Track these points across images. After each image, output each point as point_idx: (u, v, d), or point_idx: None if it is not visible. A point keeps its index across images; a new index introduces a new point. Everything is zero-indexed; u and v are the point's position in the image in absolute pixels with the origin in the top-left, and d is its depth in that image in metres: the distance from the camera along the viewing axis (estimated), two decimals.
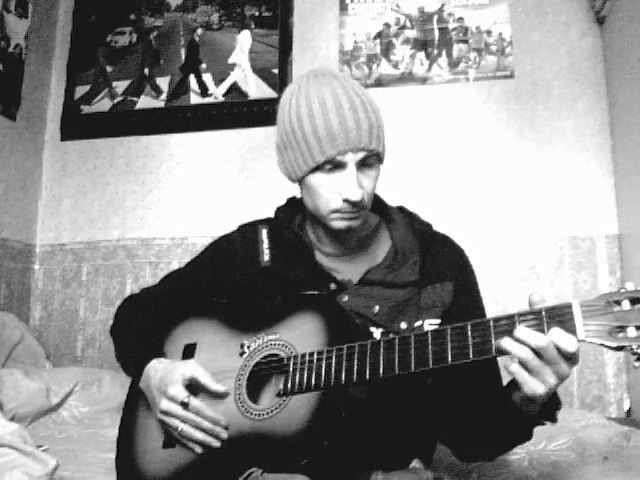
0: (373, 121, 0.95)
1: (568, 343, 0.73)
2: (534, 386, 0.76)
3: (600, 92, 2.33)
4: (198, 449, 0.94)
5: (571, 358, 0.75)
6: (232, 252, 1.12)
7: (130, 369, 1.09)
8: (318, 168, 0.95)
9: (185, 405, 0.93)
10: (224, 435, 0.92)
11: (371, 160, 0.97)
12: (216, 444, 0.92)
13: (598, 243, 2.24)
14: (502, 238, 2.33)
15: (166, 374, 0.97)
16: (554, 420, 0.87)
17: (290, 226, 1.09)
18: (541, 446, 1.41)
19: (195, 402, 0.94)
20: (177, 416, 0.94)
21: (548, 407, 0.85)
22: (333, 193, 0.96)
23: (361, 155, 0.94)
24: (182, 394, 0.94)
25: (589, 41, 2.38)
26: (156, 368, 1.00)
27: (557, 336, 0.73)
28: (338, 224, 0.98)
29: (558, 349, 0.74)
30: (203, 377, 0.96)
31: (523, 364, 0.75)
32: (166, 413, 0.96)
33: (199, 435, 0.93)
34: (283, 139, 1.00)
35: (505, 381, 0.93)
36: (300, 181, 1.01)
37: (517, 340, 0.75)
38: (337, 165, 0.95)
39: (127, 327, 1.15)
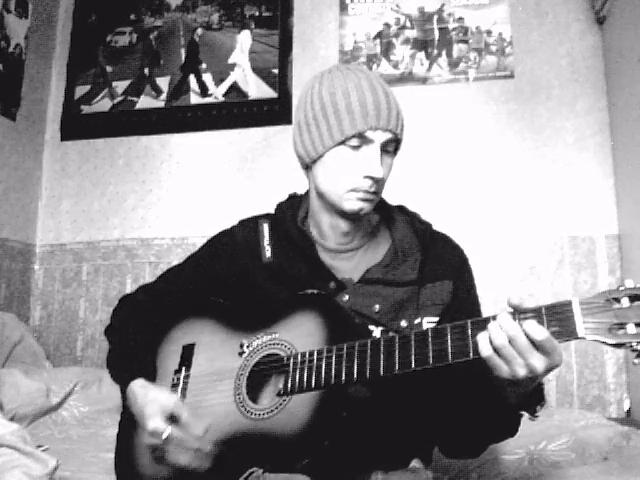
0: (400, 110, 1.01)
1: (537, 332, 0.73)
2: (501, 371, 0.77)
3: (600, 92, 2.33)
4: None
5: (545, 352, 0.75)
6: (233, 247, 1.12)
7: (116, 381, 1.08)
8: (343, 143, 0.97)
9: (166, 440, 0.91)
10: (208, 448, 0.91)
11: (391, 147, 1.00)
12: (203, 468, 0.91)
13: (598, 243, 2.24)
14: (502, 238, 2.33)
15: (144, 405, 0.95)
16: (533, 414, 0.87)
17: (293, 221, 1.09)
18: (541, 446, 1.41)
19: (176, 434, 0.91)
20: (158, 449, 0.92)
21: (530, 401, 0.85)
22: (354, 170, 0.97)
23: (388, 136, 0.97)
24: (162, 427, 0.91)
25: (589, 41, 2.38)
26: (136, 395, 0.99)
27: (529, 326, 0.74)
28: (352, 205, 0.98)
29: (530, 340, 0.74)
30: (185, 417, 0.92)
31: (496, 349, 0.76)
32: (149, 446, 0.94)
33: (183, 461, 0.91)
34: (308, 115, 1.01)
35: None
36: (316, 161, 1.01)
37: (499, 326, 0.76)
38: (363, 142, 0.96)
39: (119, 336, 1.14)
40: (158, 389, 0.99)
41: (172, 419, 0.92)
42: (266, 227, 1.11)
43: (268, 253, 1.08)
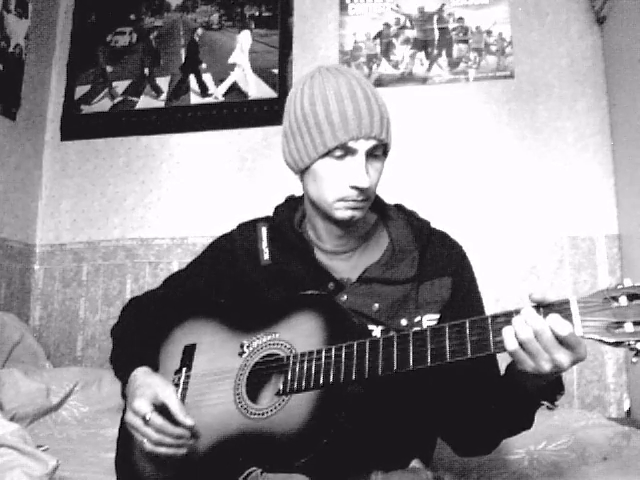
0: (384, 112, 0.98)
1: (562, 327, 0.73)
2: (526, 366, 0.78)
3: (600, 92, 2.33)
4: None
5: (569, 347, 0.75)
6: (232, 251, 1.13)
7: (119, 375, 1.08)
8: (328, 154, 0.96)
9: (145, 421, 0.90)
10: (190, 442, 0.91)
11: (378, 151, 0.98)
12: (182, 452, 0.91)
13: (598, 243, 2.24)
14: (502, 238, 2.33)
15: (140, 386, 0.95)
16: (553, 402, 0.87)
17: (290, 223, 1.09)
18: (541, 446, 1.41)
19: (157, 419, 0.90)
20: (139, 431, 0.92)
21: (550, 390, 0.86)
22: (341, 180, 0.96)
23: (372, 143, 0.95)
24: (145, 409, 0.90)
25: (589, 41, 2.38)
26: (136, 378, 0.99)
27: (553, 321, 0.74)
28: (342, 214, 0.98)
29: (555, 335, 0.74)
30: (174, 406, 0.91)
31: (522, 345, 0.76)
32: (130, 425, 0.93)
33: (161, 450, 0.91)
34: (292, 126, 1.00)
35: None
36: (305, 170, 1.01)
37: (524, 321, 0.76)
38: (347, 152, 0.95)
39: (124, 333, 1.14)
40: (159, 378, 0.99)
41: (160, 408, 0.92)
42: (264, 230, 1.11)
43: (266, 256, 1.08)
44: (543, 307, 0.77)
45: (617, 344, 0.72)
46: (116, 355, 1.13)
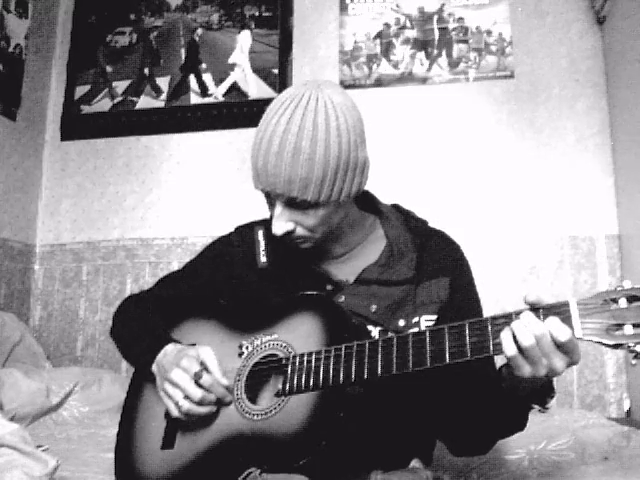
0: (300, 171, 0.90)
1: (561, 332, 0.73)
2: (523, 371, 0.77)
3: (600, 92, 2.33)
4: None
5: (566, 352, 0.75)
6: (229, 253, 1.13)
7: (139, 358, 1.07)
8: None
9: (198, 377, 0.92)
10: (228, 399, 0.94)
11: (303, 204, 0.93)
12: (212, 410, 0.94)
13: (598, 243, 2.24)
14: (502, 238, 2.33)
15: (182, 349, 0.98)
16: (544, 405, 0.87)
17: None
18: (541, 446, 1.41)
19: (207, 377, 0.93)
20: (183, 389, 0.93)
21: (541, 393, 0.86)
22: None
23: (282, 198, 0.93)
24: (196, 367, 0.94)
25: (589, 41, 2.38)
26: (172, 349, 1.00)
27: (553, 325, 0.74)
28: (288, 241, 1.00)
29: (554, 340, 0.74)
30: (213, 365, 0.94)
31: (523, 351, 0.75)
32: (173, 383, 0.94)
33: (200, 409, 0.93)
34: None
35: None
36: None
37: (524, 325, 0.75)
38: (268, 197, 0.97)
39: (132, 322, 1.14)
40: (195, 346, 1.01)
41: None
42: (261, 233, 1.11)
43: (263, 258, 1.08)
44: (543, 309, 0.77)
45: (617, 346, 0.72)
46: (129, 343, 1.12)
